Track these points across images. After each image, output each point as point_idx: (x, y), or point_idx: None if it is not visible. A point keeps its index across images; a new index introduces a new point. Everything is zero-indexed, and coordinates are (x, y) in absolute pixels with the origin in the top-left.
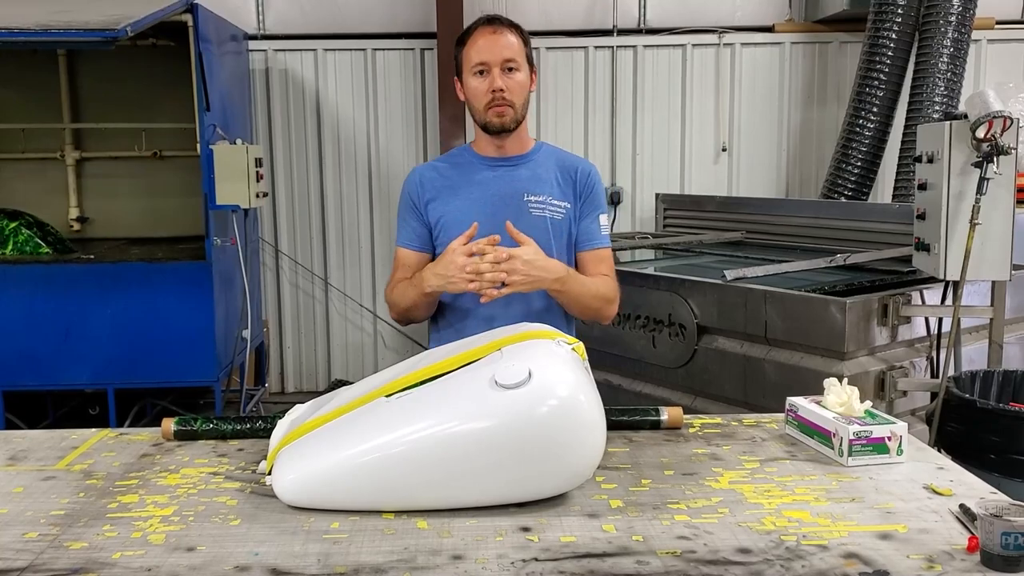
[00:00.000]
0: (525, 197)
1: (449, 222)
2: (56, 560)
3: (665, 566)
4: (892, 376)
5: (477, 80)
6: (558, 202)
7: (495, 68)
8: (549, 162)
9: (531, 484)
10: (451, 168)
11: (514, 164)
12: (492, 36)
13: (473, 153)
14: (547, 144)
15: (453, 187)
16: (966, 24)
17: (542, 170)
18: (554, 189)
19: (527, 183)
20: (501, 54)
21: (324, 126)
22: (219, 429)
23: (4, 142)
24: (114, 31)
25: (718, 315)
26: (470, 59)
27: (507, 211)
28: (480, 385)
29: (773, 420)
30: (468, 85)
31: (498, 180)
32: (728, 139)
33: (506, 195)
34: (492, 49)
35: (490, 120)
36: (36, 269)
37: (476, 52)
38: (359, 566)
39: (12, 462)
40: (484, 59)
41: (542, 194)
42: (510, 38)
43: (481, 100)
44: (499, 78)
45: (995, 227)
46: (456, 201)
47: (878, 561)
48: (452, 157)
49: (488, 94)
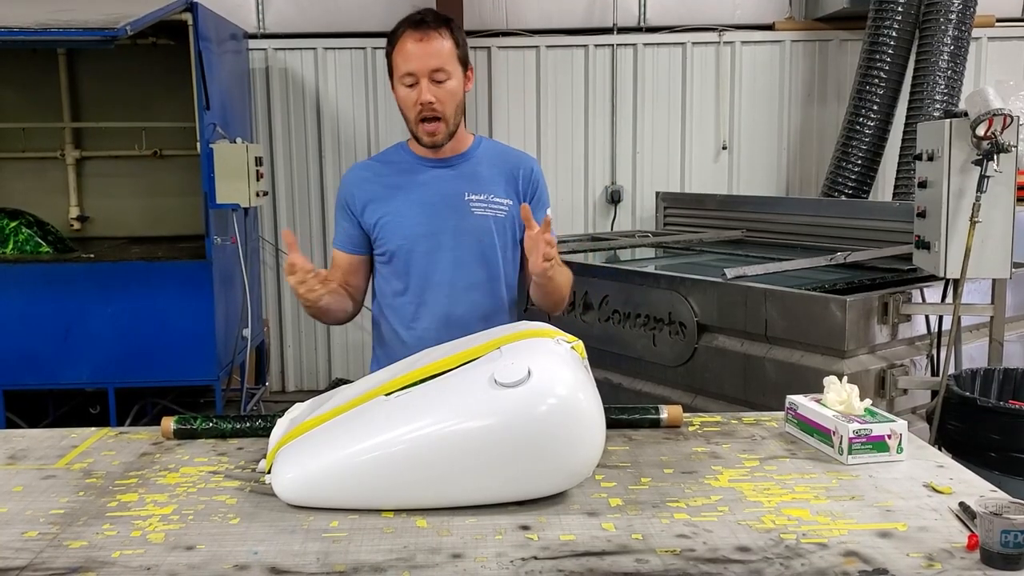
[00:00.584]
0: (466, 197)
1: (388, 223)
2: (55, 559)
3: (664, 564)
4: (892, 374)
5: (405, 91)
6: (500, 200)
7: (423, 79)
8: (489, 159)
9: (530, 482)
10: (387, 168)
11: (453, 163)
12: (419, 44)
13: (409, 152)
14: (487, 139)
15: (391, 188)
16: (966, 22)
17: (482, 168)
18: (496, 187)
19: (467, 183)
20: (428, 64)
21: (324, 124)
22: (219, 428)
23: (4, 141)
24: (113, 30)
25: (718, 313)
26: (398, 66)
27: (448, 212)
28: (479, 384)
29: (773, 418)
30: (397, 93)
31: (437, 180)
32: (728, 137)
33: (446, 196)
34: (419, 58)
35: (421, 136)
36: (36, 268)
37: (403, 60)
38: (358, 565)
39: (12, 461)
40: (411, 69)
41: (483, 193)
42: (438, 44)
43: (411, 111)
44: (427, 90)
45: (995, 225)
46: (395, 203)
47: (878, 559)
48: (388, 156)
49: (416, 106)
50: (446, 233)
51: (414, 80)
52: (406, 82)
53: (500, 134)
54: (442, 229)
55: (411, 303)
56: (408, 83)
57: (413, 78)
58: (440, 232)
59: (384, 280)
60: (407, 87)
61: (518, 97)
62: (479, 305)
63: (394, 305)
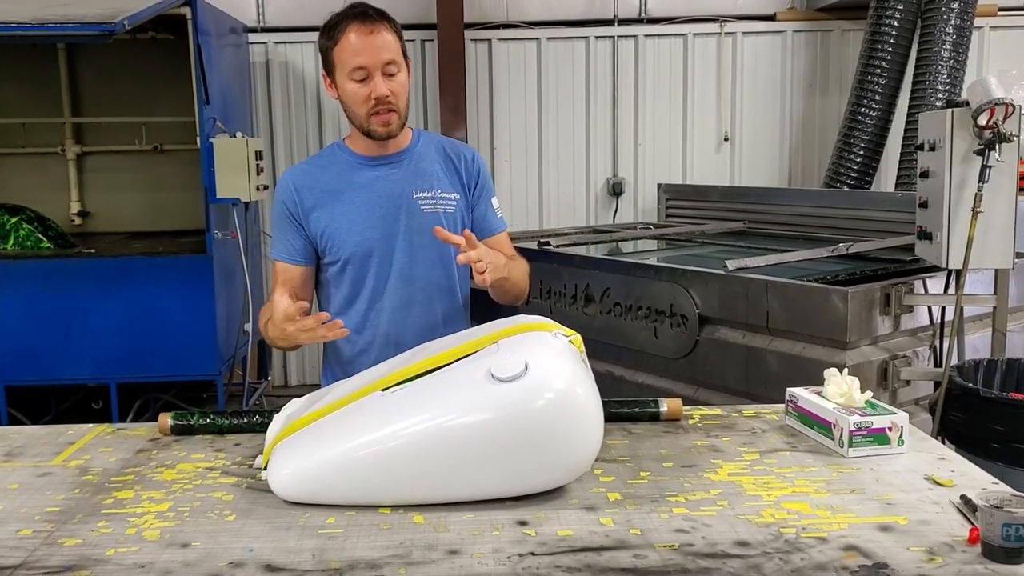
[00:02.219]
0: (414, 195)
1: (336, 230)
2: (50, 557)
3: (663, 559)
4: (895, 365)
5: (355, 86)
6: (447, 194)
7: (375, 72)
8: (431, 152)
9: (528, 477)
10: (327, 171)
11: (396, 161)
12: (369, 37)
13: (349, 152)
14: (424, 132)
15: (334, 192)
16: (968, 11)
17: (426, 163)
18: (441, 181)
19: (413, 180)
20: (380, 57)
21: (325, 119)
22: (216, 424)
23: (4, 137)
24: (111, 24)
25: (720, 305)
26: (344, 61)
27: (397, 212)
28: (476, 378)
29: (773, 411)
30: (344, 89)
31: (382, 180)
32: (730, 128)
33: (393, 195)
34: (370, 52)
35: (375, 129)
36: (37, 264)
37: (351, 54)
38: (354, 561)
39: (8, 458)
40: (362, 63)
41: (430, 189)
42: (387, 36)
43: (362, 107)
44: (382, 84)
45: (997, 215)
46: (340, 207)
47: (878, 553)
48: (325, 158)
49: (370, 101)
50: (398, 235)
51: (365, 74)
52: (356, 76)
53: (501, 127)
54: (394, 231)
55: (365, 310)
56: (359, 77)
57: (364, 72)
58: (392, 234)
59: (334, 289)
60: (357, 82)
61: (519, 89)
62: (438, 307)
63: (347, 314)
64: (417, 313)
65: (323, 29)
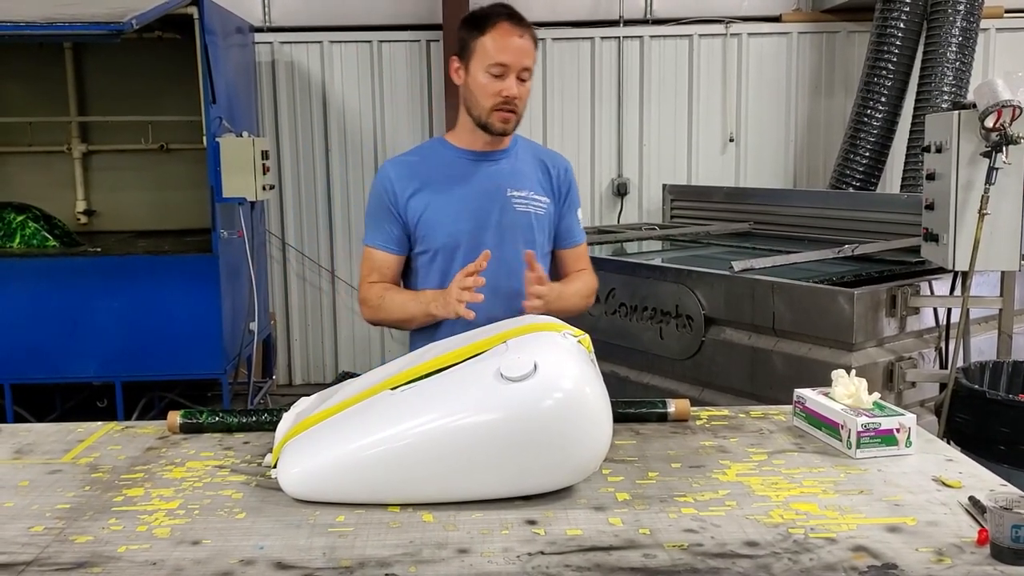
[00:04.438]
0: (508, 192)
1: (431, 219)
2: (61, 554)
3: (672, 559)
4: (901, 367)
5: (490, 79)
6: (539, 197)
7: (512, 74)
8: (527, 156)
9: (537, 477)
10: (426, 163)
11: (496, 159)
12: (518, 39)
13: (449, 146)
14: (522, 137)
15: (432, 183)
16: (975, 13)
17: (521, 164)
18: (535, 184)
19: (509, 178)
20: (522, 61)
21: (330, 118)
22: (225, 422)
23: (11, 135)
24: (119, 24)
25: (725, 306)
26: (487, 54)
27: (491, 207)
28: (486, 378)
29: (781, 412)
30: (476, 79)
31: (480, 175)
32: (735, 130)
33: (489, 191)
34: (515, 53)
35: (493, 124)
36: (43, 262)
37: (497, 50)
38: (364, 559)
39: (18, 455)
40: (505, 61)
41: (524, 189)
42: (530, 44)
43: (489, 100)
44: (514, 86)
45: (1004, 217)
46: (437, 198)
47: (887, 554)
48: (425, 151)
49: (498, 97)
50: (489, 229)
51: (503, 72)
52: (494, 71)
53: None
54: (485, 224)
55: None
56: (496, 73)
57: (503, 69)
58: (484, 228)
59: (422, 280)
60: (493, 76)
61: None
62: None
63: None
64: (499, 308)
65: (470, 17)
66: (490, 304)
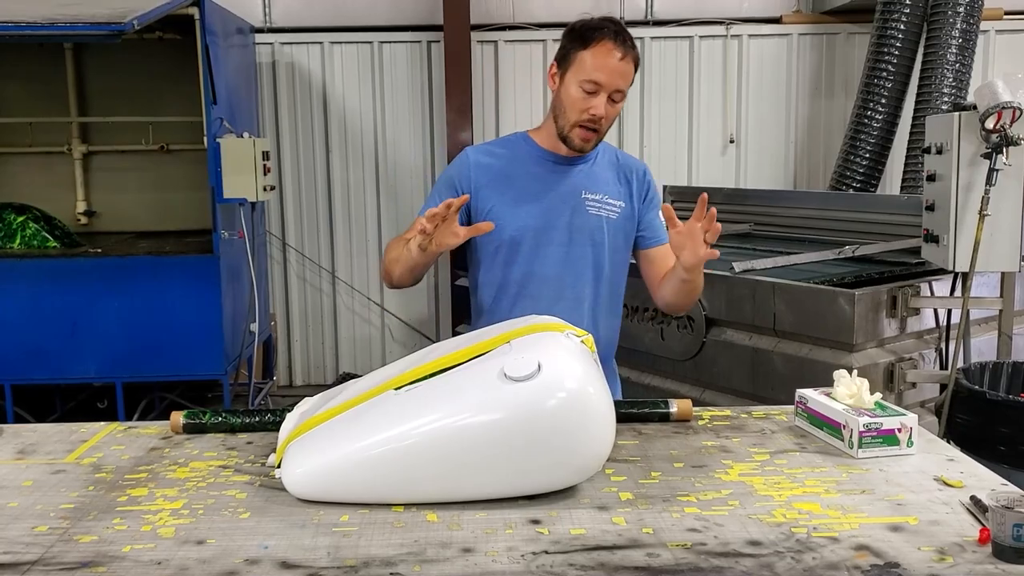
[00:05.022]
0: (583, 195)
1: (501, 212)
2: (66, 553)
3: (675, 558)
4: (901, 368)
5: (581, 93)
6: (614, 201)
7: (604, 93)
8: (606, 161)
9: (540, 476)
10: (507, 156)
11: (575, 162)
12: (618, 61)
13: (533, 144)
14: (603, 142)
15: (509, 177)
16: (975, 15)
17: (599, 168)
18: (611, 188)
19: (586, 180)
20: (616, 83)
21: (331, 119)
22: (228, 422)
23: (11, 136)
24: (120, 24)
25: (726, 307)
26: (584, 69)
27: (563, 208)
28: (489, 378)
29: (782, 412)
30: (568, 91)
31: (557, 177)
32: (736, 131)
33: (564, 192)
34: (612, 73)
35: (573, 139)
36: (44, 263)
37: (595, 68)
38: (369, 559)
39: (21, 456)
40: (600, 80)
41: (599, 192)
42: (630, 67)
43: (575, 114)
44: (603, 106)
45: (1004, 218)
46: (511, 192)
47: (889, 553)
48: (509, 145)
49: (585, 114)
50: (558, 229)
51: (595, 89)
52: (587, 87)
53: (507, 128)
54: (555, 224)
55: (515, 295)
56: (588, 89)
57: (596, 87)
58: (552, 227)
59: (485, 271)
60: (585, 92)
61: (524, 91)
62: (586, 304)
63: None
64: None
65: (576, 28)
66: (551, 304)
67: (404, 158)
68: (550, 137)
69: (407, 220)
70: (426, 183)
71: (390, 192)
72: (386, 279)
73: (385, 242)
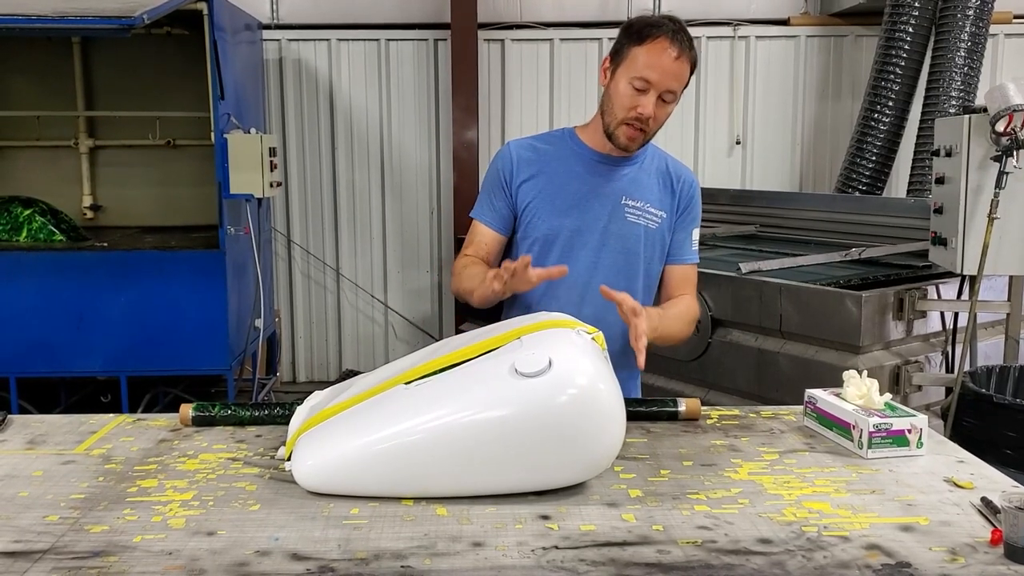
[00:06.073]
0: (623, 200)
1: (539, 208)
2: (77, 543)
3: (686, 556)
4: (907, 370)
5: (631, 91)
6: (655, 210)
7: (655, 93)
8: (653, 166)
9: (550, 472)
10: (550, 152)
11: (620, 164)
12: (672, 60)
13: (578, 141)
14: (652, 145)
15: (549, 173)
16: (984, 18)
17: (644, 175)
18: (653, 195)
19: (628, 186)
20: (668, 83)
21: (337, 116)
22: (237, 415)
23: (18, 129)
24: (130, 19)
25: (732, 308)
26: (636, 65)
27: (602, 211)
28: (500, 373)
29: (791, 412)
30: (618, 87)
31: (600, 177)
32: (742, 132)
33: (604, 195)
34: (664, 73)
35: (619, 137)
36: (50, 257)
37: (647, 66)
38: (380, 551)
39: (31, 446)
40: (651, 78)
41: (641, 200)
42: (685, 68)
43: (622, 111)
44: (652, 105)
45: (1013, 222)
46: (550, 188)
47: (900, 553)
48: (553, 140)
49: (633, 112)
50: (595, 232)
51: (646, 87)
52: (637, 84)
53: (513, 126)
54: (591, 227)
55: (537, 294)
56: (639, 87)
57: (647, 85)
58: (588, 230)
59: None
60: (635, 89)
61: (531, 90)
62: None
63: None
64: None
65: (633, 24)
66: (578, 308)
67: (410, 156)
68: (596, 135)
69: (412, 218)
70: (432, 181)
71: (395, 190)
72: (462, 299)
73: (390, 240)
